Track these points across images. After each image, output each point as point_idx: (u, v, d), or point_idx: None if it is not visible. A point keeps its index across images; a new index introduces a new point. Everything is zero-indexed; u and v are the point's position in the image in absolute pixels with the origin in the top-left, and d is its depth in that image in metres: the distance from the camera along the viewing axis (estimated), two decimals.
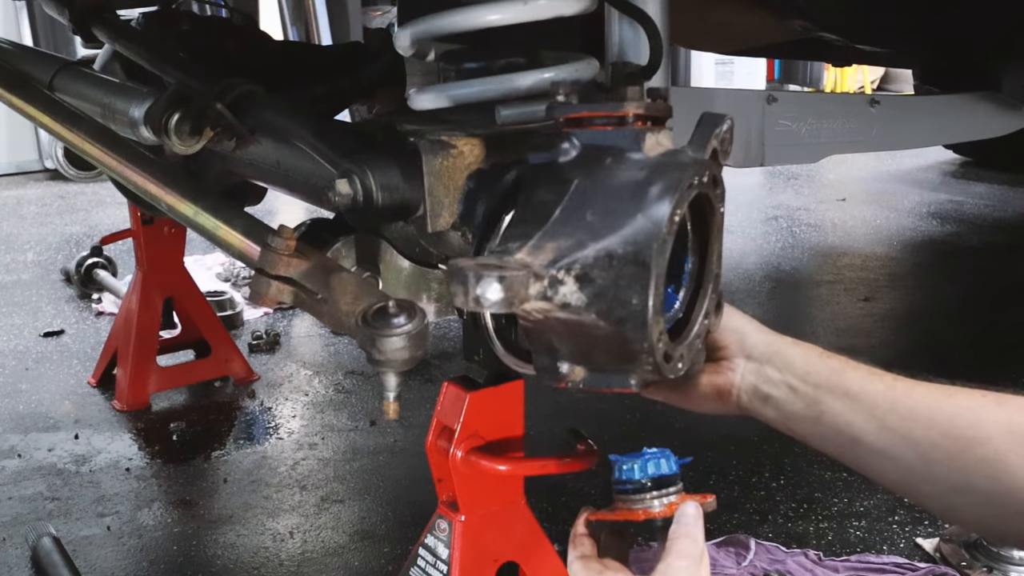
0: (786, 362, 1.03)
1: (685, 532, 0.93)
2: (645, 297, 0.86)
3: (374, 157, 1.18)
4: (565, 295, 0.89)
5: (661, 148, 0.94)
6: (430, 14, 1.15)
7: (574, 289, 0.89)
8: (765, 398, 1.04)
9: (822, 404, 1.00)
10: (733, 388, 1.07)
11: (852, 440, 0.98)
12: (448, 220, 1.17)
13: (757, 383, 1.05)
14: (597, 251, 0.89)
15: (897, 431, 0.95)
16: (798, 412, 1.02)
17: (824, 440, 1.01)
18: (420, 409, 2.58)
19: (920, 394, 0.96)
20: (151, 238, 2.73)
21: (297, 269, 1.17)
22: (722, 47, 3.34)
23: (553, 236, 0.91)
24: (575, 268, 0.89)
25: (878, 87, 9.07)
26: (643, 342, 0.88)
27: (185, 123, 1.50)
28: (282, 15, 5.90)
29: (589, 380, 0.95)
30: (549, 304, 0.89)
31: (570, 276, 0.89)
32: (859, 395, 0.98)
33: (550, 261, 0.89)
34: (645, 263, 0.86)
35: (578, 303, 0.89)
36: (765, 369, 1.04)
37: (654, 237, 0.86)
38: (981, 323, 3.38)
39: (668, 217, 0.87)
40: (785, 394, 1.03)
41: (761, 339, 1.06)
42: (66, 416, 2.72)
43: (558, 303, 0.89)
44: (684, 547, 0.91)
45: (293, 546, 2.06)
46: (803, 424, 1.02)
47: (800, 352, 1.04)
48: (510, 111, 1.12)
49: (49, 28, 6.11)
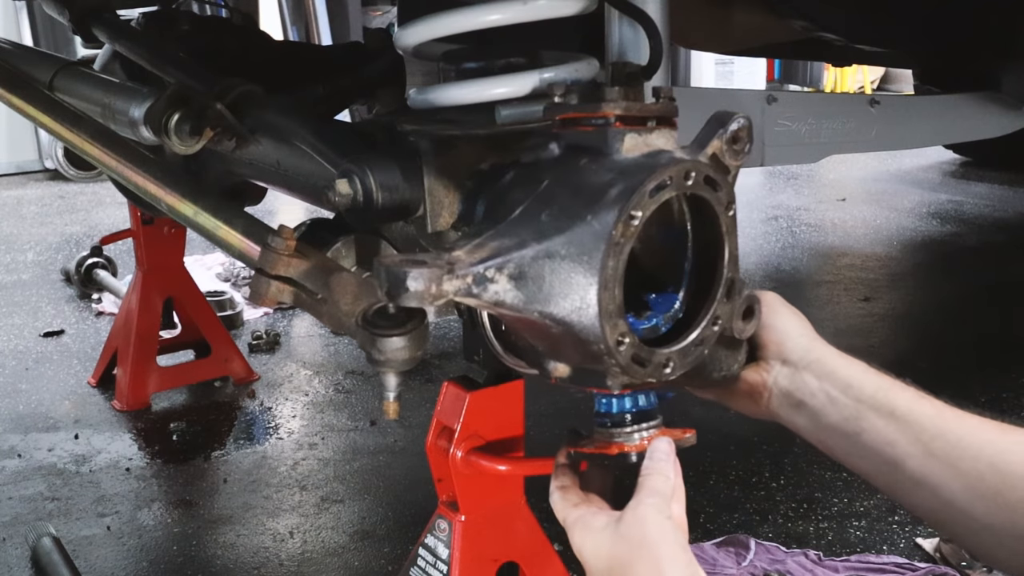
0: (826, 370, 1.00)
1: (656, 469, 0.90)
2: (588, 298, 0.86)
3: (374, 157, 1.18)
4: (497, 293, 0.89)
5: (646, 149, 0.94)
6: (430, 14, 1.15)
7: (508, 287, 0.89)
8: (798, 405, 1.01)
9: (864, 420, 0.96)
10: (764, 390, 1.04)
11: (892, 462, 0.95)
12: (448, 220, 1.17)
13: (791, 388, 1.01)
14: (537, 251, 0.88)
15: (943, 459, 0.91)
16: (835, 424, 0.98)
17: (860, 458, 0.98)
18: (420, 409, 2.58)
19: (971, 425, 0.92)
20: (151, 238, 2.73)
21: (297, 269, 1.17)
22: (722, 47, 3.34)
23: (500, 235, 0.91)
24: (508, 267, 0.89)
25: (878, 87, 9.07)
26: (598, 344, 0.87)
27: (185, 123, 1.50)
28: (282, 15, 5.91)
29: (573, 378, 0.96)
30: (477, 301, 0.89)
31: (502, 274, 0.89)
32: (906, 417, 0.94)
33: (481, 259, 0.89)
34: (589, 264, 0.86)
35: (515, 301, 0.89)
36: (802, 375, 1.01)
37: (601, 238, 0.86)
38: (981, 323, 3.38)
39: (617, 219, 0.86)
40: (822, 404, 0.99)
41: (802, 344, 1.03)
42: (66, 416, 2.72)
43: (489, 300, 0.89)
44: (655, 484, 0.89)
45: (293, 546, 2.05)
46: (838, 438, 0.98)
47: (844, 363, 1.00)
48: (510, 111, 1.12)
49: (49, 28, 6.12)
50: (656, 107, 0.95)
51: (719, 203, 0.95)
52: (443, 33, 1.16)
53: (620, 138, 0.93)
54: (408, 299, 0.86)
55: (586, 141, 0.95)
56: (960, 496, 0.90)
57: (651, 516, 0.86)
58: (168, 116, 1.49)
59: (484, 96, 1.14)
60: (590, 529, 0.90)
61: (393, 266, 0.86)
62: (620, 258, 0.86)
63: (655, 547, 0.84)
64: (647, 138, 0.94)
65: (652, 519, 0.86)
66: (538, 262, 0.88)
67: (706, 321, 0.97)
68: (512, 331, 0.95)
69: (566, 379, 0.96)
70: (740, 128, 0.96)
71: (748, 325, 1.01)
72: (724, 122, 0.95)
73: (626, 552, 0.86)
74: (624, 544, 0.86)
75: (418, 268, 0.85)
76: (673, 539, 0.85)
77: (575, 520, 0.92)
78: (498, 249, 0.90)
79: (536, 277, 0.88)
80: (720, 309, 0.97)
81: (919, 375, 1.01)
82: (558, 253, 0.88)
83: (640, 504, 0.87)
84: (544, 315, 0.89)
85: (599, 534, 0.89)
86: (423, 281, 0.85)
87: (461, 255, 0.90)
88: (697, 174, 0.91)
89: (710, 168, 0.93)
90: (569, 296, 0.87)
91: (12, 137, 6.38)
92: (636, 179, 0.88)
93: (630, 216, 0.86)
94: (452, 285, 0.87)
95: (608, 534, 0.88)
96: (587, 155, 0.94)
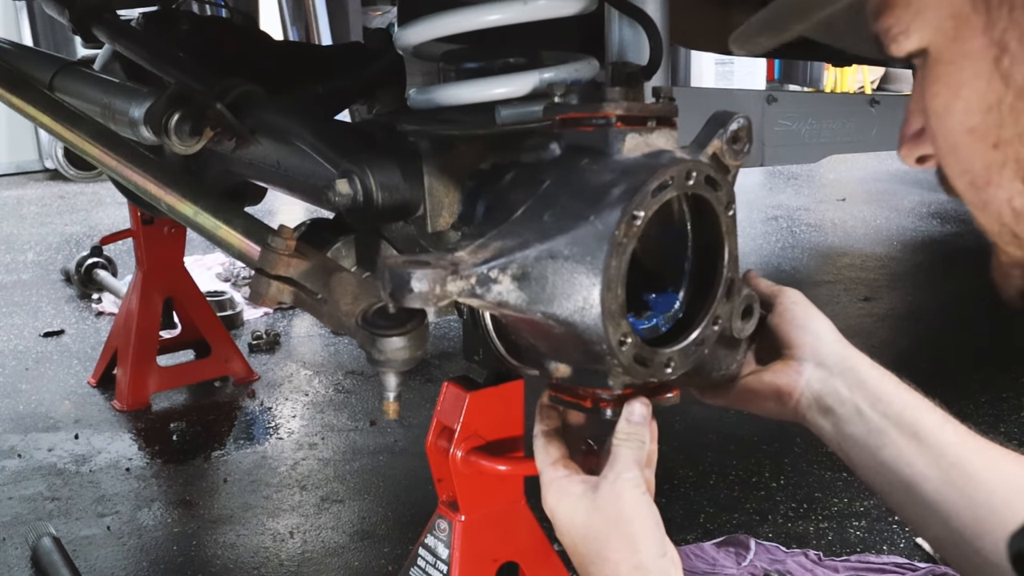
0: (859, 380, 0.98)
1: (632, 433, 0.89)
2: (591, 298, 0.86)
3: (374, 157, 1.18)
4: (500, 293, 0.89)
5: (647, 149, 0.94)
6: (430, 14, 1.15)
7: (511, 288, 0.89)
8: (826, 410, 1.00)
9: (886, 436, 0.95)
10: (795, 391, 1.02)
11: (907, 483, 0.93)
12: (448, 220, 1.17)
13: (822, 392, 1.00)
14: (540, 251, 0.88)
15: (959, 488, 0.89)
16: (857, 436, 0.97)
17: (876, 473, 0.96)
18: (420, 409, 2.58)
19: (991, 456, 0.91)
20: (151, 238, 2.73)
21: (297, 269, 1.17)
22: (722, 47, 3.34)
23: (502, 236, 0.91)
24: (511, 267, 0.88)
25: (878, 87, 9.08)
26: (600, 344, 0.87)
27: (185, 123, 1.50)
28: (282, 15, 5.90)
29: (574, 378, 0.95)
30: (481, 301, 0.89)
31: (505, 275, 0.89)
32: (928, 439, 0.93)
33: (484, 260, 0.89)
34: (592, 264, 0.86)
35: (518, 302, 0.89)
36: (834, 380, 0.99)
37: (604, 239, 0.86)
38: (981, 323, 3.38)
39: (620, 219, 0.86)
40: (849, 413, 0.98)
41: (837, 349, 1.01)
42: (66, 416, 2.72)
43: (492, 301, 0.89)
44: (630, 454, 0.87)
45: (293, 546, 2.06)
46: (859, 450, 0.97)
47: (876, 375, 0.99)
48: (510, 111, 1.12)
49: (49, 28, 6.12)
50: (656, 107, 0.95)
51: (719, 203, 0.94)
52: (443, 33, 1.16)
53: (621, 138, 0.93)
54: (412, 300, 0.86)
55: (587, 141, 0.95)
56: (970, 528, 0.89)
57: (627, 491, 0.86)
58: (168, 116, 1.49)
59: (484, 96, 1.14)
60: (566, 494, 0.90)
61: (397, 267, 0.86)
62: (623, 258, 0.86)
63: (630, 523, 0.84)
64: (648, 138, 0.94)
65: (628, 495, 0.85)
66: (541, 262, 0.88)
67: (706, 321, 0.97)
68: (513, 331, 0.95)
69: (567, 379, 0.96)
70: (740, 128, 0.96)
71: (747, 325, 1.01)
72: (724, 122, 0.95)
73: (601, 525, 0.86)
74: (599, 516, 0.86)
75: (422, 269, 0.85)
76: (647, 514, 0.85)
77: (551, 480, 0.92)
78: (501, 250, 0.90)
79: (539, 277, 0.88)
80: (720, 309, 0.97)
81: (919, 375, 1.01)
82: (561, 253, 0.87)
83: (618, 479, 0.87)
84: (547, 315, 0.88)
85: (576, 501, 0.89)
86: (427, 282, 0.85)
87: (464, 256, 0.89)
88: (698, 174, 0.91)
89: (711, 168, 0.93)
90: (572, 296, 0.87)
91: (12, 137, 6.38)
92: (638, 179, 0.88)
93: (633, 216, 0.86)
94: (456, 286, 0.87)
95: (584, 504, 0.87)
96: (588, 155, 0.94)
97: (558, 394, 0.98)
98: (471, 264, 0.88)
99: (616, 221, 0.85)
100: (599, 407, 0.94)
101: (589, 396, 0.95)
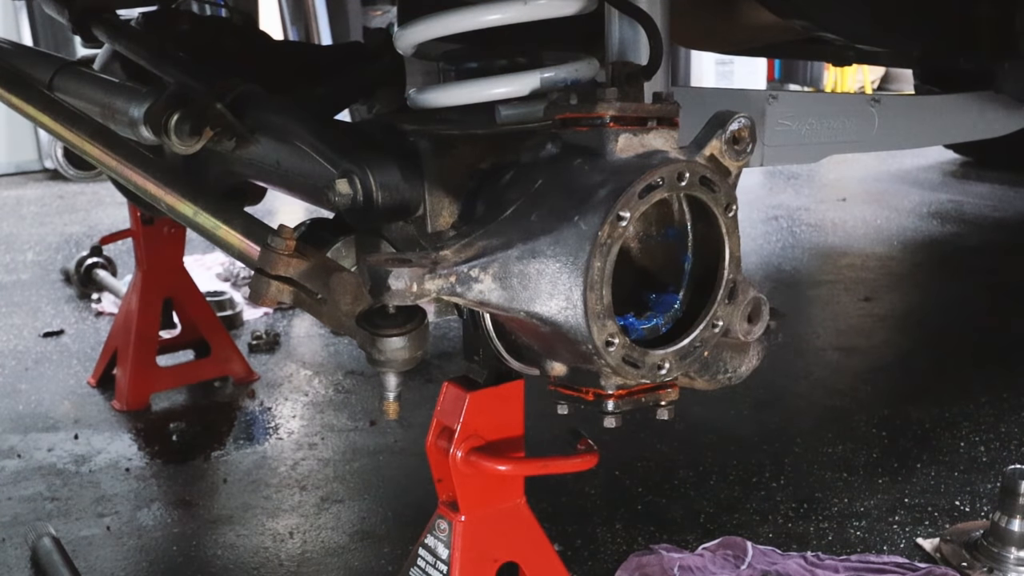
0: None
1: None
2: (573, 298, 0.86)
3: (374, 157, 1.18)
4: (482, 292, 0.89)
5: (640, 149, 0.93)
6: (430, 14, 1.15)
7: (492, 287, 0.89)
8: None
9: None
10: None
11: None
12: (448, 220, 1.17)
13: None
14: (522, 251, 0.88)
15: None
16: None
17: None
18: (420, 409, 2.58)
19: None
20: (151, 238, 2.72)
21: (297, 269, 1.17)
22: (722, 47, 3.34)
23: (488, 235, 0.91)
24: (493, 266, 0.89)
25: (878, 87, 9.08)
26: (586, 344, 0.87)
27: (185, 123, 1.50)
28: (282, 15, 5.91)
29: (570, 377, 0.95)
30: (462, 299, 0.90)
31: (487, 274, 0.89)
32: None
33: (466, 259, 0.89)
34: (575, 265, 0.86)
35: (499, 300, 0.89)
36: None
37: (586, 239, 0.86)
38: (981, 323, 3.37)
39: (603, 220, 0.86)
40: None
41: None
42: (66, 416, 2.72)
43: (473, 299, 0.89)
44: None
45: (293, 546, 2.05)
46: None
47: None
48: (510, 111, 1.12)
49: (49, 28, 6.12)
50: (655, 107, 0.95)
51: (717, 204, 0.94)
52: (443, 33, 1.16)
53: (614, 138, 0.92)
54: (390, 297, 0.86)
55: (582, 141, 0.95)
56: None
57: None
58: (168, 116, 1.49)
59: (484, 96, 1.14)
60: None
61: (376, 265, 0.86)
62: (607, 259, 0.86)
63: None
64: (643, 138, 0.94)
65: None
66: (523, 262, 0.88)
67: (705, 323, 0.96)
68: (511, 331, 0.95)
69: (564, 378, 0.96)
70: (740, 128, 0.95)
71: (754, 327, 1.00)
72: (724, 122, 0.95)
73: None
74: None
75: (400, 267, 0.86)
76: None
77: None
78: (484, 249, 0.90)
79: (521, 277, 0.88)
80: (721, 311, 0.97)
81: (919, 375, 1.01)
82: (544, 253, 0.87)
83: None
84: (531, 315, 0.88)
85: None
86: (404, 280, 0.86)
87: (447, 254, 0.90)
88: (691, 175, 0.90)
89: (706, 169, 0.92)
90: (555, 296, 0.87)
91: (12, 137, 6.38)
92: (625, 180, 0.87)
93: (618, 217, 0.86)
94: (435, 284, 0.87)
95: None
96: (582, 155, 0.94)
97: (560, 389, 0.98)
98: (452, 263, 0.89)
99: (599, 222, 0.85)
100: (601, 399, 0.94)
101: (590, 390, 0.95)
